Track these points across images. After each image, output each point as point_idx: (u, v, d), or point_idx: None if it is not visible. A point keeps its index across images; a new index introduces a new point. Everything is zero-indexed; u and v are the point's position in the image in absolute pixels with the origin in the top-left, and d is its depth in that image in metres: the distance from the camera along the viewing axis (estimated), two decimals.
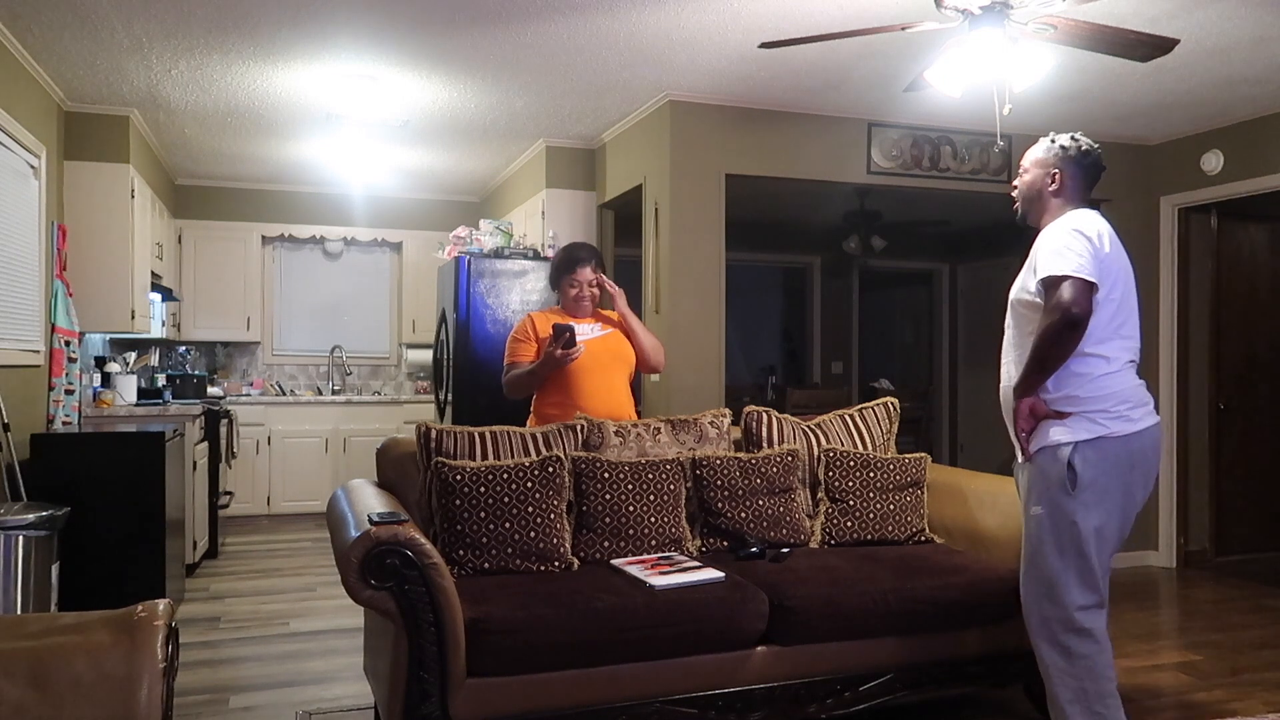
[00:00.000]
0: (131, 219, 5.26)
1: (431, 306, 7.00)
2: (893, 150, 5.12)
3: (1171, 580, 5.27)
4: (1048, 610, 2.57)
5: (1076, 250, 2.48)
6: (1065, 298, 2.44)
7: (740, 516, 3.22)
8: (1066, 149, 2.68)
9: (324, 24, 3.86)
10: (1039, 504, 2.57)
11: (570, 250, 3.70)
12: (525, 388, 3.54)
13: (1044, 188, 2.69)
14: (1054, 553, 2.54)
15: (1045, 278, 2.50)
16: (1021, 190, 2.77)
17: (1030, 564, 2.62)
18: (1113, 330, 2.57)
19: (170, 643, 1.58)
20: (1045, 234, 2.61)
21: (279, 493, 7.05)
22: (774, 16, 3.68)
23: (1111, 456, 2.52)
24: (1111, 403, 2.53)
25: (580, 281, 3.58)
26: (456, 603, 2.47)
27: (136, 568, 4.17)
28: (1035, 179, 2.72)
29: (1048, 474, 2.55)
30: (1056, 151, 2.69)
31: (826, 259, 8.75)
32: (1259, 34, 3.86)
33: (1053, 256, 2.50)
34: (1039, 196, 2.71)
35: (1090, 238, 2.51)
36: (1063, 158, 2.68)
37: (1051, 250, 2.52)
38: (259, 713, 3.22)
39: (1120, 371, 2.58)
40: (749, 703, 2.74)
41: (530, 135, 5.68)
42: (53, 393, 4.62)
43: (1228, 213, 5.67)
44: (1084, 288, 2.45)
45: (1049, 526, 2.55)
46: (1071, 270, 2.45)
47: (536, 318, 3.61)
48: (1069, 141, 2.69)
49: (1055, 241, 2.53)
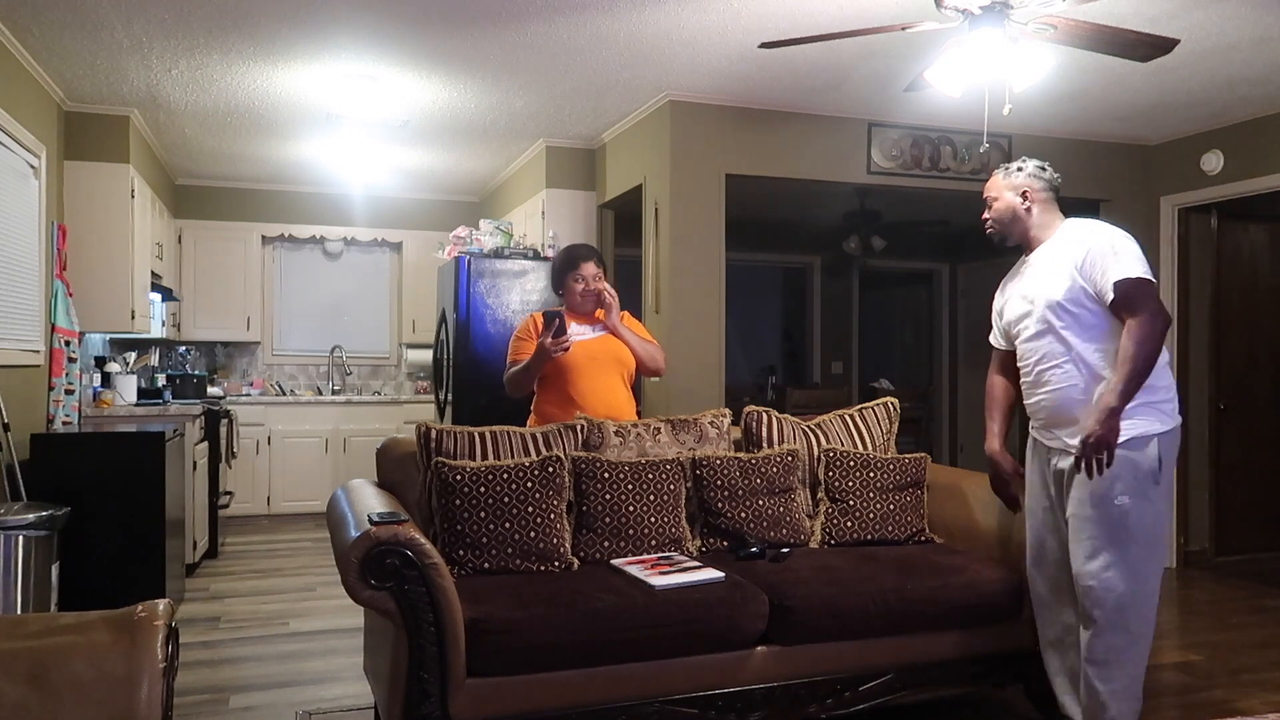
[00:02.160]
0: (131, 219, 5.26)
1: (431, 306, 7.00)
2: (893, 150, 5.12)
3: (1171, 580, 5.27)
4: (1130, 596, 2.63)
5: (1136, 253, 2.63)
6: (1156, 300, 2.58)
7: (740, 516, 3.22)
8: (1023, 169, 2.89)
9: (324, 24, 3.86)
10: (1126, 495, 2.61)
11: (571, 249, 3.72)
12: (522, 384, 3.54)
13: (1018, 206, 2.88)
14: (1140, 540, 2.62)
15: (1124, 280, 2.58)
16: (996, 217, 2.94)
17: (1115, 555, 2.63)
18: None
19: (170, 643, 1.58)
20: (1083, 236, 2.73)
21: (279, 493, 7.05)
22: (774, 16, 3.68)
23: (1176, 446, 2.70)
24: (1170, 394, 2.69)
25: (585, 276, 3.56)
26: (456, 603, 2.47)
27: (136, 568, 4.17)
28: (1007, 202, 2.90)
29: (1138, 465, 2.61)
30: (1014, 173, 2.90)
31: (826, 259, 8.75)
32: (1259, 34, 3.86)
33: (1120, 259, 2.61)
34: (1014, 217, 2.90)
35: (1132, 238, 2.67)
36: (1027, 175, 2.88)
37: (1111, 253, 2.63)
38: (259, 713, 3.22)
39: (1168, 364, 2.72)
40: (749, 703, 2.74)
41: (530, 135, 5.68)
42: (53, 393, 4.62)
43: (1228, 213, 5.67)
44: (1156, 287, 2.63)
45: (1136, 518, 2.62)
46: (1144, 272, 2.59)
47: (539, 317, 3.60)
48: (1022, 163, 2.91)
49: (1106, 243, 2.65)
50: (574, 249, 3.71)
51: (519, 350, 3.55)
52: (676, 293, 4.77)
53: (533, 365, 3.44)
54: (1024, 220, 2.88)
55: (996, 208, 2.93)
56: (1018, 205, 2.87)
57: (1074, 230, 2.78)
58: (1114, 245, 2.64)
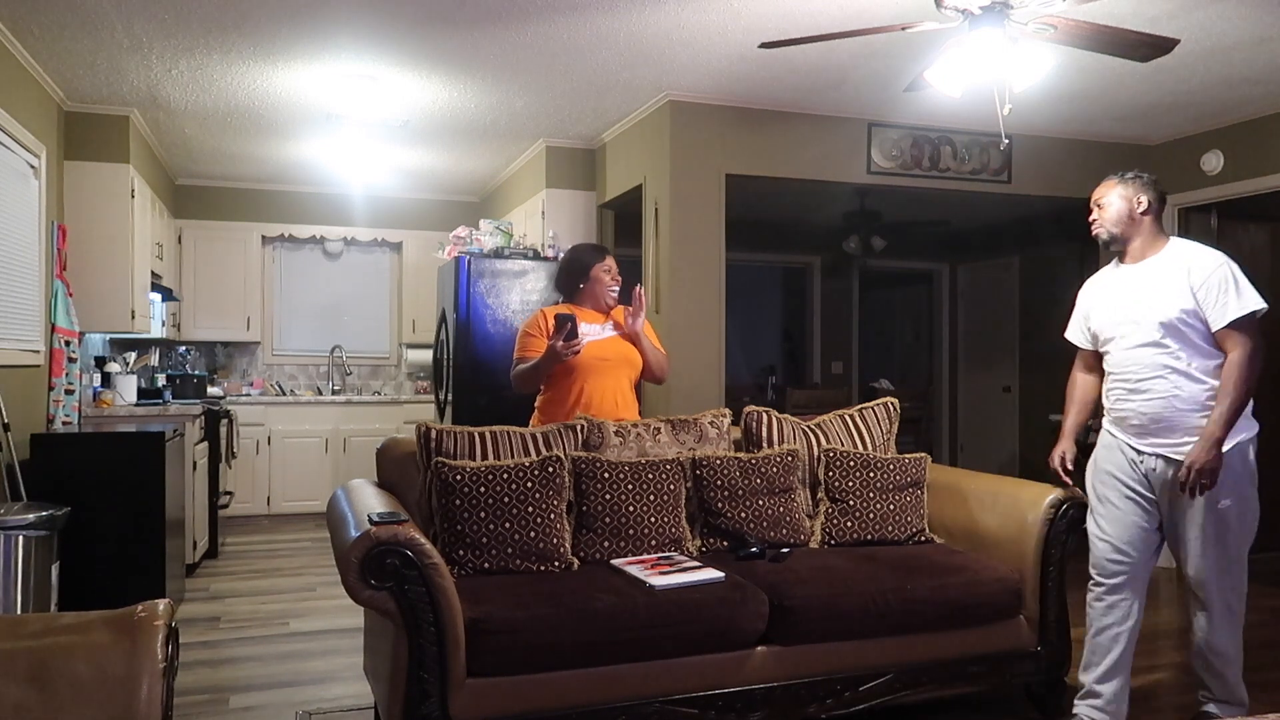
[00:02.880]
0: (131, 219, 5.26)
1: (431, 306, 7.00)
2: (893, 150, 5.12)
3: (1172, 580, 5.26)
4: (1230, 586, 3.03)
5: (1248, 286, 2.89)
6: (1259, 335, 2.83)
7: (740, 516, 3.22)
8: (1141, 178, 2.99)
9: (324, 24, 3.86)
10: (1228, 497, 2.85)
11: (583, 248, 3.78)
12: (530, 381, 3.53)
13: (1134, 212, 2.95)
14: (1238, 537, 2.94)
15: (1240, 316, 2.80)
16: (1112, 219, 2.98)
17: (1219, 550, 2.93)
18: None
19: (170, 643, 1.58)
20: (1201, 260, 2.89)
21: (279, 493, 7.05)
22: (774, 16, 3.68)
23: (1256, 444, 2.94)
24: (1251, 401, 2.88)
25: (612, 267, 3.62)
26: (456, 603, 2.47)
27: (136, 568, 4.17)
28: (1121, 209, 2.96)
29: (1238, 469, 2.85)
30: (1131, 181, 2.98)
31: (826, 259, 8.75)
32: (1259, 34, 3.86)
33: (1240, 294, 2.84)
34: (1130, 222, 2.96)
35: (1237, 268, 2.92)
36: (1141, 185, 2.97)
37: (1231, 284, 2.85)
38: (259, 713, 3.22)
39: None
40: (749, 703, 2.74)
41: (530, 135, 5.68)
42: (53, 393, 4.62)
43: (1228, 213, 5.67)
44: (1259, 320, 2.87)
45: (1236, 515, 2.89)
46: (1257, 304, 2.84)
47: (549, 312, 3.58)
48: (1138, 174, 3.01)
49: (1225, 273, 2.87)
50: (587, 247, 3.77)
51: (528, 347, 3.53)
52: (676, 293, 4.77)
53: (542, 365, 3.44)
54: (1134, 228, 2.95)
55: (1111, 212, 2.98)
56: (1134, 211, 2.94)
57: (1188, 252, 2.93)
58: (1234, 276, 2.86)
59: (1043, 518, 3.09)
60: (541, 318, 3.57)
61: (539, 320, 3.57)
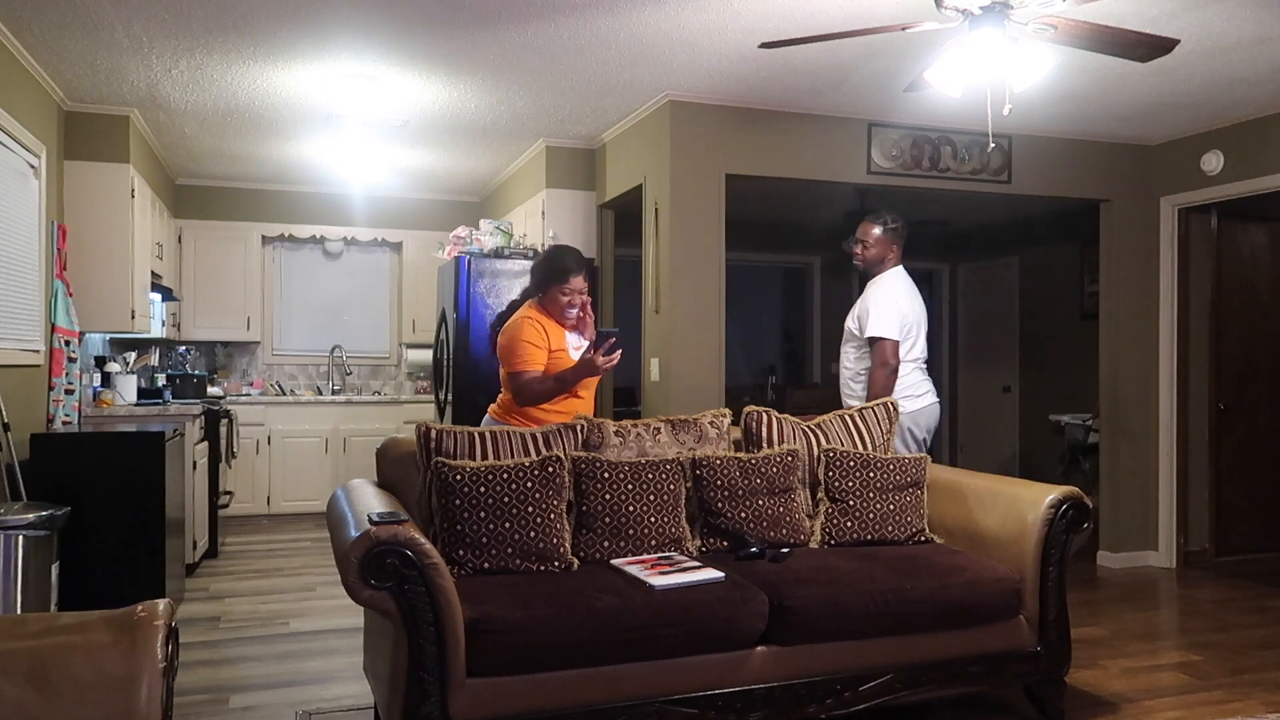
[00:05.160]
0: (131, 219, 5.25)
1: (431, 306, 7.00)
2: (893, 150, 5.12)
3: (1171, 580, 5.27)
4: None
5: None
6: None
7: (740, 516, 3.22)
8: (897, 229, 4.19)
9: (324, 24, 3.86)
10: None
11: (559, 258, 3.54)
12: (548, 397, 3.44)
13: (886, 255, 4.16)
14: None
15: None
16: (868, 259, 4.18)
17: None
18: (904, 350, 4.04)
19: (170, 643, 1.58)
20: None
21: (279, 493, 7.05)
22: (774, 16, 3.68)
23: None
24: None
25: (572, 290, 3.47)
26: (456, 603, 2.47)
27: (136, 568, 4.17)
28: (878, 252, 4.17)
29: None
30: (892, 229, 4.18)
31: (826, 259, 8.75)
32: (1259, 34, 3.86)
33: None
34: (882, 261, 4.17)
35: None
36: (899, 233, 4.19)
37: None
38: (259, 713, 3.22)
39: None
40: (749, 703, 2.74)
41: (530, 135, 5.68)
42: (53, 392, 4.62)
43: (1228, 213, 5.67)
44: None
45: None
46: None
47: (544, 324, 3.49)
48: (894, 221, 4.19)
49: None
50: (563, 258, 3.52)
51: (532, 359, 3.42)
52: (676, 293, 4.77)
53: (570, 378, 3.40)
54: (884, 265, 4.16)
55: (872, 252, 4.17)
56: (887, 254, 4.18)
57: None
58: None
59: (1043, 518, 3.09)
60: (538, 329, 3.45)
61: (538, 331, 3.45)
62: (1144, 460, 5.64)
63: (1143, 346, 5.65)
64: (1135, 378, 5.64)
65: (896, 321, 3.99)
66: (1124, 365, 5.63)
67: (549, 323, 3.52)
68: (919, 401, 4.07)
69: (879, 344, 3.97)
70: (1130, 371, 5.64)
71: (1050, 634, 3.11)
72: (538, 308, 3.56)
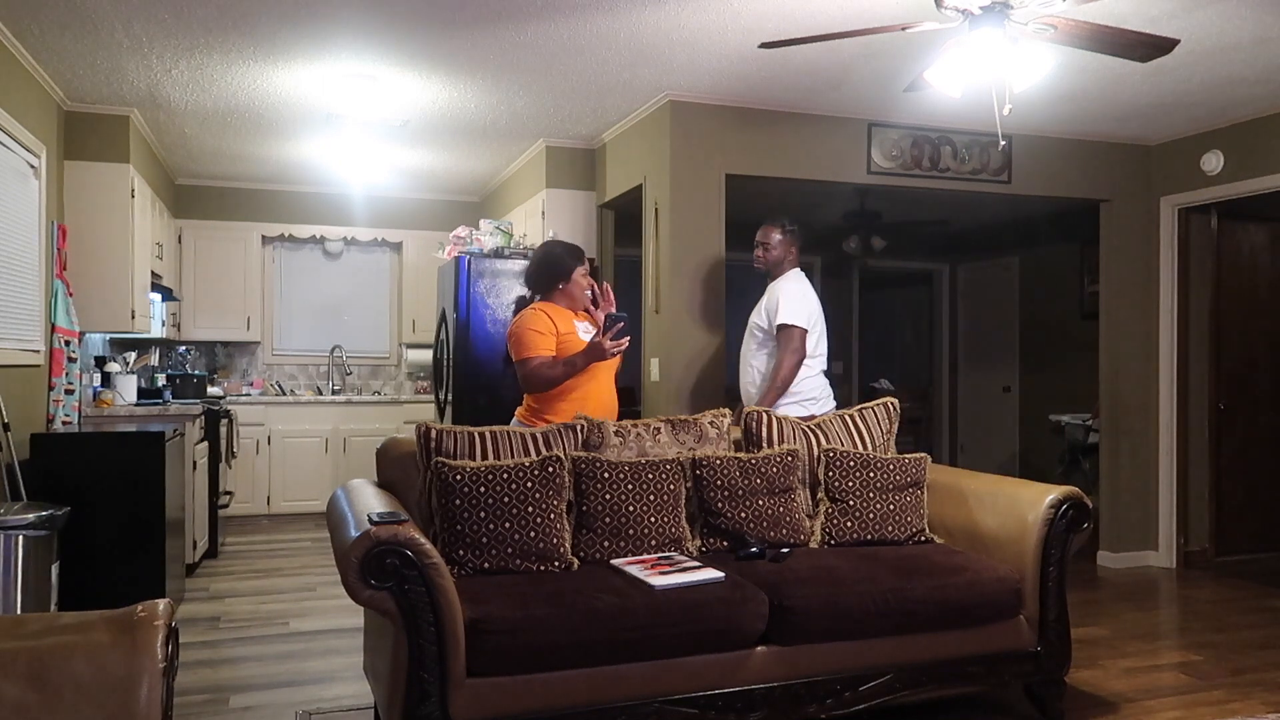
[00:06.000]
0: (131, 219, 5.25)
1: (431, 306, 7.00)
2: (893, 150, 5.12)
3: (1171, 580, 5.27)
4: None
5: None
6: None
7: (740, 516, 3.22)
8: (795, 231, 4.23)
9: (324, 24, 3.86)
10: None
11: (564, 247, 3.72)
12: (557, 381, 3.47)
13: (785, 258, 4.23)
14: None
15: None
16: (770, 261, 4.25)
17: None
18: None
19: (170, 643, 1.58)
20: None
21: (279, 493, 7.05)
22: (774, 16, 3.68)
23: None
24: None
25: (578, 281, 3.61)
26: (456, 603, 2.47)
27: (136, 568, 4.17)
28: (779, 254, 4.23)
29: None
30: (790, 231, 4.22)
31: (826, 259, 8.75)
32: (1259, 34, 3.86)
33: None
34: (781, 263, 4.24)
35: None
36: (796, 236, 4.24)
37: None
38: (259, 713, 3.22)
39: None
40: (749, 703, 2.74)
41: (530, 135, 5.68)
42: (53, 392, 4.62)
43: (1228, 213, 5.67)
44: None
45: None
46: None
47: (551, 311, 3.55)
48: (791, 225, 4.22)
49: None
50: (560, 259, 3.64)
51: (539, 345, 3.47)
52: (676, 293, 4.77)
53: (579, 362, 3.43)
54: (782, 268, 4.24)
55: (774, 254, 4.24)
56: (786, 256, 4.25)
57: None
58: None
59: (1043, 518, 3.09)
60: (544, 317, 3.53)
61: (545, 319, 3.52)
62: (1144, 460, 5.64)
63: (1143, 346, 5.65)
64: (1135, 378, 5.64)
65: (805, 313, 4.05)
66: (1124, 365, 5.63)
67: (555, 309, 3.59)
68: (824, 405, 4.05)
69: (788, 331, 4.00)
70: (1130, 371, 5.64)
71: (1050, 634, 3.11)
72: (541, 300, 3.68)
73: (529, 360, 3.48)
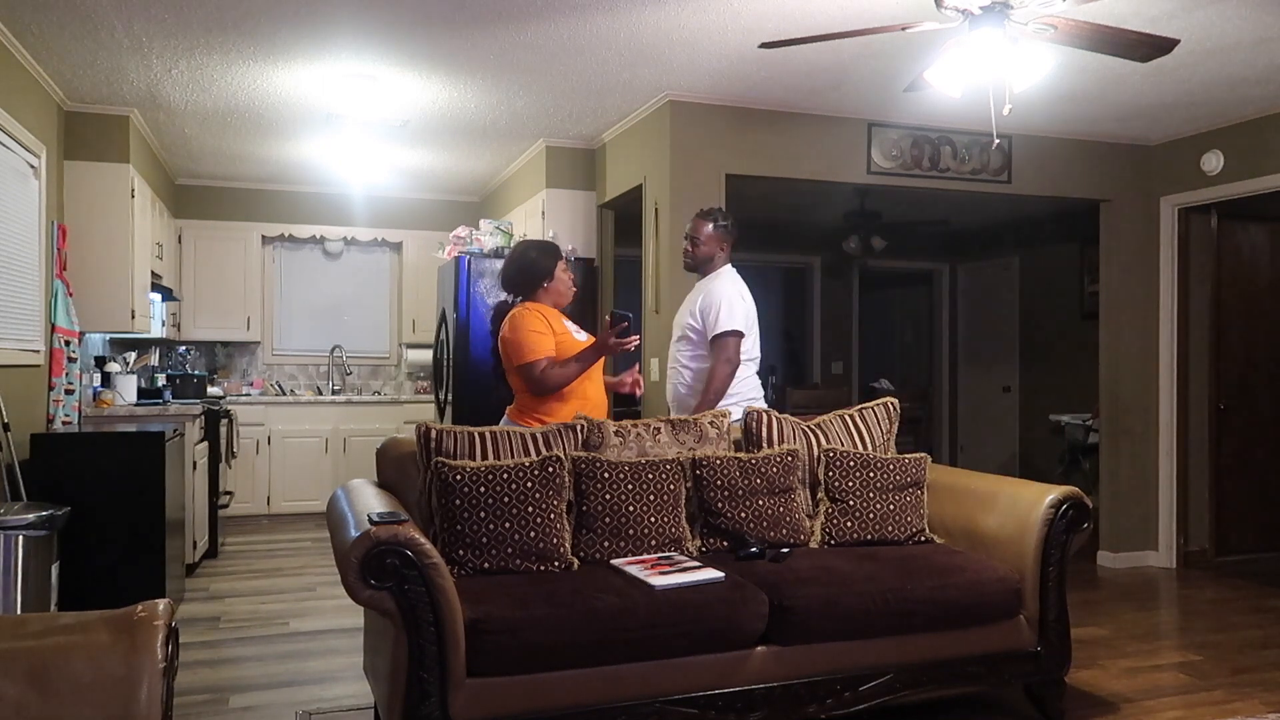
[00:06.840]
0: (131, 219, 5.25)
1: (431, 306, 7.00)
2: (893, 150, 5.12)
3: (1171, 580, 5.27)
4: None
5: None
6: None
7: (740, 516, 3.22)
8: (728, 227, 3.93)
9: (324, 24, 3.86)
10: None
11: (540, 247, 3.65)
12: (570, 380, 3.42)
13: (716, 254, 3.94)
14: None
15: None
16: (699, 257, 3.94)
17: None
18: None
19: (170, 643, 1.58)
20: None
21: (279, 493, 7.05)
22: (774, 16, 3.68)
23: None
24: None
25: (561, 276, 3.59)
26: (456, 603, 2.47)
27: (136, 568, 4.17)
28: (709, 250, 3.92)
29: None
30: (723, 226, 3.91)
31: (826, 259, 8.75)
32: (1259, 34, 3.86)
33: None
34: (712, 260, 3.95)
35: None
36: (730, 231, 3.93)
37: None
38: (259, 713, 3.22)
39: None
40: (749, 703, 2.74)
41: (530, 135, 5.68)
42: (53, 392, 4.62)
43: (1228, 213, 5.67)
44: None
45: None
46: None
47: (544, 311, 3.50)
48: (725, 219, 3.93)
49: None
50: (538, 261, 3.58)
51: (543, 346, 3.39)
52: (677, 293, 4.76)
53: (589, 357, 3.42)
54: (714, 263, 3.96)
55: (702, 250, 3.93)
56: (717, 252, 3.95)
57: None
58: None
59: (1043, 518, 3.09)
60: (539, 316, 3.46)
61: (542, 319, 3.46)
62: (1144, 460, 5.64)
63: (1143, 346, 5.65)
64: (1135, 378, 5.64)
65: (743, 316, 3.86)
66: (1124, 365, 5.63)
67: (546, 309, 3.54)
68: (757, 405, 3.85)
69: (725, 339, 3.78)
70: (1130, 371, 5.64)
71: (1050, 634, 3.11)
72: (524, 301, 3.58)
73: (537, 363, 3.38)
